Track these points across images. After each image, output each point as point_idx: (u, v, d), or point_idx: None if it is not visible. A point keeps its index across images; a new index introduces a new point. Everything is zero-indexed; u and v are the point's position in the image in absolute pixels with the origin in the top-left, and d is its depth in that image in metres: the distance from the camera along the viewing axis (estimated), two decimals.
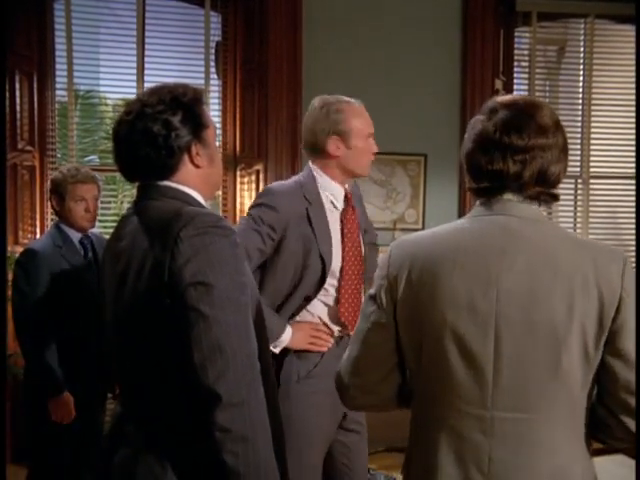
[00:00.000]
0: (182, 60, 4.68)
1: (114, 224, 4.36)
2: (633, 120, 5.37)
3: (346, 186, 2.45)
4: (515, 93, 5.19)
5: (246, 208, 4.55)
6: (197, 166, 1.55)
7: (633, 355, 1.35)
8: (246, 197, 4.57)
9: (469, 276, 1.38)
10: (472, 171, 1.46)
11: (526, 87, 5.23)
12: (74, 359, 2.98)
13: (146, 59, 4.62)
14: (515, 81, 5.20)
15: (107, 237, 3.76)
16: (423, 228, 4.88)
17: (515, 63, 5.19)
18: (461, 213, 4.94)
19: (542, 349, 1.35)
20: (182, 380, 1.39)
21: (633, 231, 5.38)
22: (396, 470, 4.38)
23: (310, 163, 2.44)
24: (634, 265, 3.61)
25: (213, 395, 1.34)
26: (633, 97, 5.35)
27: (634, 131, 5.35)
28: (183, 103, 1.51)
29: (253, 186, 4.54)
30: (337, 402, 2.39)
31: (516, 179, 1.41)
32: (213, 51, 4.74)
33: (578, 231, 5.31)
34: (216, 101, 4.74)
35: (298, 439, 2.25)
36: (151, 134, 1.48)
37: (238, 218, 4.57)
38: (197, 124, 1.54)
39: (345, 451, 2.44)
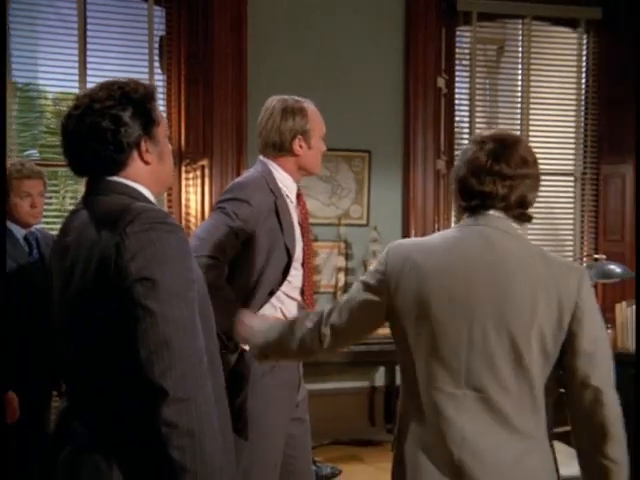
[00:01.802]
0: (125, 54, 4.63)
1: (56, 220, 4.33)
2: (570, 118, 5.57)
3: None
4: (456, 91, 5.32)
5: (192, 204, 4.54)
6: (146, 162, 1.55)
7: (589, 352, 1.61)
8: (191, 193, 4.56)
9: (453, 276, 1.63)
10: (464, 191, 1.71)
11: (467, 85, 5.35)
12: (20, 358, 2.92)
13: (88, 53, 4.56)
14: (457, 79, 5.32)
15: (51, 233, 3.71)
16: (368, 224, 4.95)
17: (456, 62, 5.31)
18: (405, 208, 5.03)
19: (507, 344, 1.59)
20: (128, 376, 1.39)
21: (569, 226, 5.57)
22: (342, 462, 4.45)
23: (264, 158, 2.47)
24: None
25: (159, 390, 1.35)
26: (569, 96, 5.55)
27: (573, 129, 5.56)
28: (133, 99, 1.51)
29: (198, 182, 4.52)
30: (294, 394, 2.45)
31: (503, 200, 1.67)
32: (157, 46, 4.71)
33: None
34: (161, 96, 4.70)
35: (266, 432, 2.32)
36: (99, 129, 1.48)
37: (183, 213, 4.55)
38: (147, 120, 1.53)
39: (291, 442, 2.47)
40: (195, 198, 4.56)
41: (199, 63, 4.56)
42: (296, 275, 2.43)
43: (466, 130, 5.36)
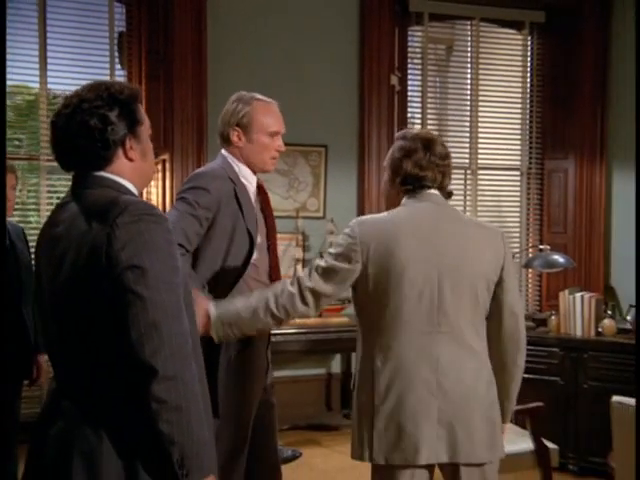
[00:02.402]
0: (86, 49, 4.69)
1: (17, 213, 4.36)
2: (516, 116, 5.81)
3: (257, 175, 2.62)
4: (409, 89, 5.51)
5: (153, 197, 4.64)
6: (130, 159, 1.63)
7: (512, 289, 2.21)
8: (152, 186, 4.64)
9: (419, 238, 2.11)
10: (407, 178, 2.18)
11: (419, 83, 5.55)
12: None
13: (48, 47, 4.61)
14: (409, 77, 5.51)
15: (20, 225, 3.76)
16: (324, 216, 5.12)
17: (409, 60, 5.50)
18: (360, 201, 5.21)
19: (467, 287, 2.12)
20: (117, 357, 1.49)
21: (515, 218, 5.82)
22: (300, 447, 4.60)
23: (224, 151, 2.57)
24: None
25: (149, 369, 1.45)
26: (515, 95, 5.79)
27: (519, 126, 5.80)
28: (120, 100, 1.60)
29: (159, 175, 4.62)
30: (263, 378, 2.56)
31: (437, 182, 2.20)
32: (117, 41, 4.78)
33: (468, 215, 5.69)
34: None
35: (236, 414, 2.43)
36: (88, 127, 1.57)
37: None
38: (132, 120, 1.62)
39: (259, 423, 2.58)
40: (156, 191, 4.65)
41: (159, 59, 4.65)
42: (262, 259, 2.52)
43: (418, 126, 5.56)
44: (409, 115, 5.55)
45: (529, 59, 5.77)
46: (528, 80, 5.79)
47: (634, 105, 5.32)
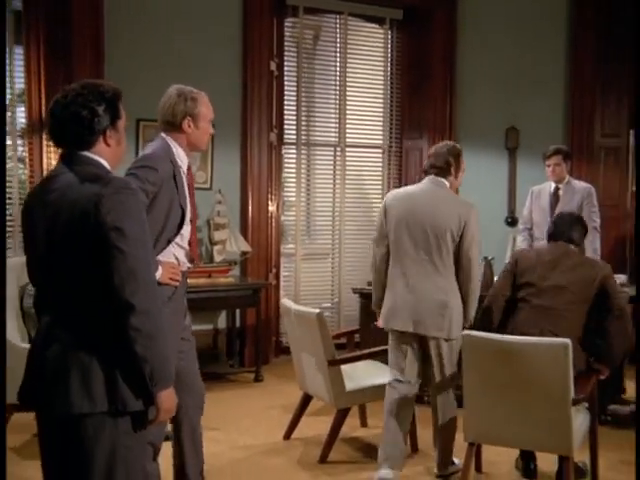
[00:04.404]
0: None
1: None
2: (379, 100, 6.58)
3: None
4: (285, 74, 6.11)
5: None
6: (108, 145, 2.05)
7: (469, 240, 3.39)
8: (52, 159, 4.98)
9: (410, 207, 3.47)
10: (426, 167, 3.60)
11: (295, 69, 6.18)
12: None
13: None
14: (285, 63, 6.13)
15: None
16: (211, 188, 5.64)
17: (285, 48, 6.11)
18: (243, 174, 5.79)
19: (436, 236, 3.41)
20: (102, 295, 1.93)
21: (377, 190, 6.61)
22: None
23: (163, 134, 3.03)
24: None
25: (129, 305, 1.87)
26: (378, 81, 6.55)
27: (381, 109, 6.57)
28: (106, 98, 2.03)
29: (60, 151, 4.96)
30: (182, 319, 3.11)
31: (436, 168, 3.54)
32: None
33: (337, 189, 6.43)
34: (20, 69, 5.04)
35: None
36: (79, 116, 1.99)
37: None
38: (114, 115, 2.05)
39: (182, 356, 3.09)
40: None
41: (58, 42, 4.96)
42: (186, 229, 3.03)
43: (293, 107, 6.21)
44: (285, 98, 6.15)
45: (389, 50, 6.57)
46: (389, 69, 6.57)
47: (479, 91, 6.24)
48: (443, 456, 3.62)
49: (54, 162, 5.03)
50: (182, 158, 3.04)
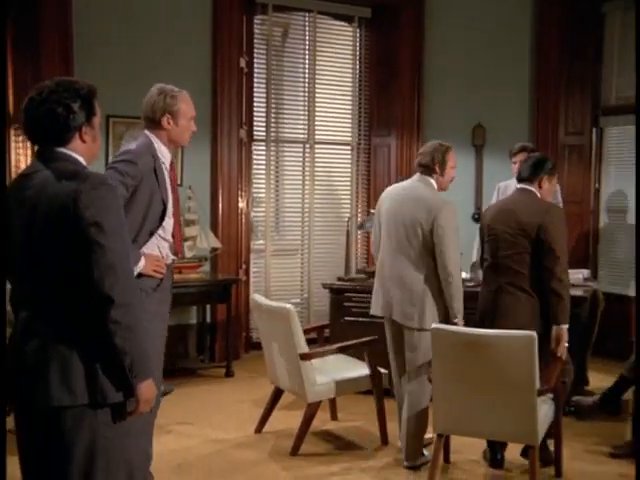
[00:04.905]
0: None
1: None
2: (348, 98, 6.64)
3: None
4: (255, 71, 6.14)
5: (22, 164, 4.96)
6: (84, 141, 2.08)
7: (440, 234, 3.53)
8: (21, 154, 4.94)
9: (395, 203, 3.72)
10: (417, 164, 3.77)
11: (264, 66, 6.20)
12: None
13: None
14: (255, 60, 6.16)
15: None
16: (181, 184, 5.60)
17: (255, 45, 6.13)
18: (213, 171, 5.81)
19: (412, 230, 3.60)
20: (82, 289, 1.95)
21: (347, 185, 6.67)
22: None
23: (147, 132, 3.09)
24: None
25: (108, 299, 1.90)
26: (347, 79, 6.61)
27: (350, 106, 6.63)
28: (81, 95, 2.05)
29: (28, 144, 4.92)
30: (167, 308, 3.16)
31: (423, 167, 3.73)
32: None
33: (306, 185, 6.48)
34: None
35: (154, 335, 2.89)
36: (55, 113, 2.01)
37: (14, 174, 4.93)
38: (89, 112, 2.07)
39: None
40: (25, 160, 4.96)
41: (26, 39, 4.91)
42: (168, 222, 3.09)
43: (263, 104, 6.23)
44: (255, 94, 6.18)
45: (358, 48, 6.61)
46: (357, 66, 6.63)
47: (446, 89, 6.34)
48: (412, 447, 3.69)
49: (24, 157, 5.00)
50: (164, 154, 3.11)
